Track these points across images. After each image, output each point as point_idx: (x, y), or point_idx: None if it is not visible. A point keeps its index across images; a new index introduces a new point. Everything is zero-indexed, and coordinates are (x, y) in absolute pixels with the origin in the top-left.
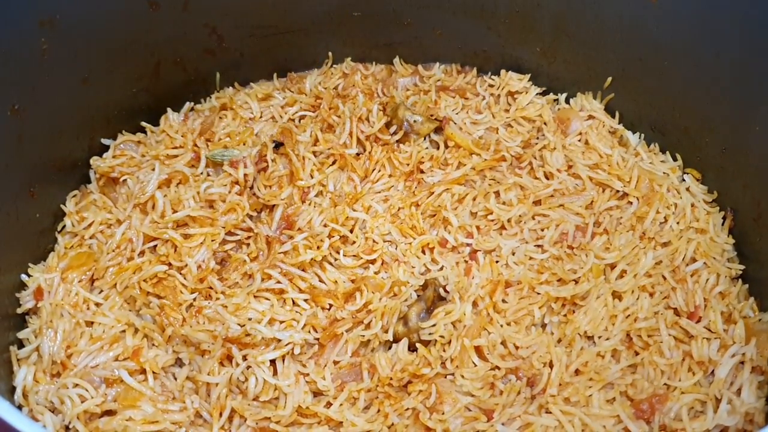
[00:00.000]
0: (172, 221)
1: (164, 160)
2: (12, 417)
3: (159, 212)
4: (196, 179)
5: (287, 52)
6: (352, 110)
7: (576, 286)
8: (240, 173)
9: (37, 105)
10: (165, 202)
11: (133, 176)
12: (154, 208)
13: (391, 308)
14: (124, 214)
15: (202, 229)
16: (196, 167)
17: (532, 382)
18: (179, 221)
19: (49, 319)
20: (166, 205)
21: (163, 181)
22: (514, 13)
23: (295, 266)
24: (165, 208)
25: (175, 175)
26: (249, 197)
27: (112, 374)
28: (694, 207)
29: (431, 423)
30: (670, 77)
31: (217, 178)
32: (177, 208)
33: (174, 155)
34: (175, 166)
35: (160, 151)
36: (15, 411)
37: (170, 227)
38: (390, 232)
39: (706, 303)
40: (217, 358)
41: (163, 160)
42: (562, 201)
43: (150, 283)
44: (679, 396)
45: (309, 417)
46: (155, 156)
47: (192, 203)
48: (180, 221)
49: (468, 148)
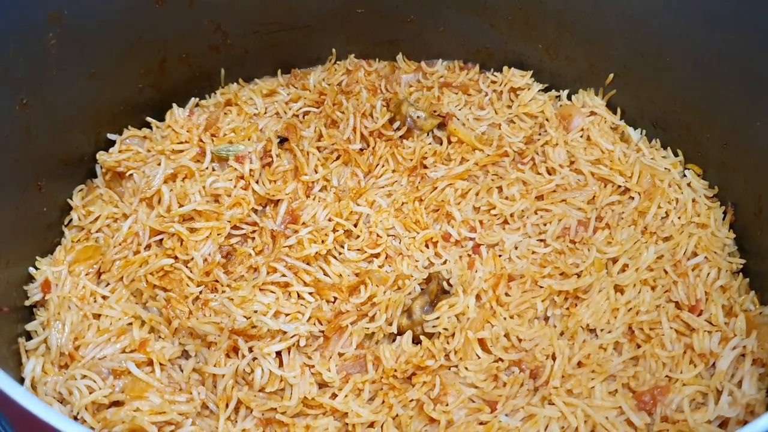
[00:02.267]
0: (179, 215)
1: (170, 155)
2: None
3: (165, 206)
4: (202, 174)
5: (291, 49)
6: (356, 106)
7: (578, 280)
8: (246, 168)
9: (44, 100)
10: (171, 197)
11: (139, 171)
12: (160, 202)
13: (395, 301)
14: (131, 209)
15: (207, 223)
16: (202, 162)
17: (535, 374)
18: (185, 215)
19: (56, 311)
20: (172, 199)
21: (168, 176)
22: (517, 10)
23: (300, 260)
24: (171, 202)
25: (181, 169)
26: (253, 192)
27: (119, 366)
28: (695, 202)
29: (435, 414)
30: (671, 74)
31: (223, 173)
32: (183, 203)
33: (179, 150)
34: (181, 161)
35: (165, 146)
36: (31, 396)
37: (176, 221)
38: (394, 226)
39: (707, 296)
40: (224, 350)
41: (168, 155)
42: (565, 196)
43: (156, 276)
44: (681, 388)
45: (314, 408)
46: (161, 151)
47: (198, 197)
48: (186, 215)
49: (471, 143)
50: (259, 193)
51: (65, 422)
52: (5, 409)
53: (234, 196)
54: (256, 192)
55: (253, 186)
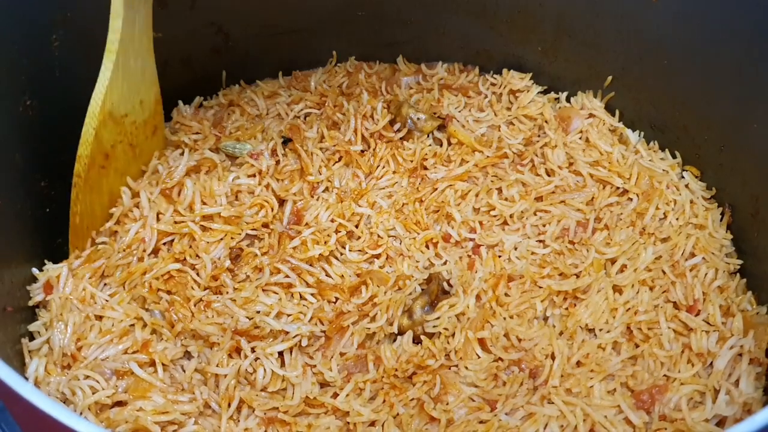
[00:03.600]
0: (200, 215)
1: (191, 144)
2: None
3: (187, 203)
4: (225, 169)
5: (292, 51)
6: (357, 108)
7: (577, 280)
8: (264, 164)
9: (48, 101)
10: (195, 191)
11: (163, 161)
12: (180, 194)
13: (396, 301)
14: (141, 212)
15: (225, 226)
16: (219, 154)
17: (534, 373)
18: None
19: (59, 312)
20: (195, 195)
21: (191, 168)
22: (516, 13)
23: (304, 261)
24: (195, 199)
25: (204, 161)
26: (273, 192)
27: (122, 366)
28: (693, 203)
29: (436, 413)
30: (669, 76)
31: (240, 169)
32: (207, 201)
33: (197, 140)
34: (204, 152)
35: (181, 136)
36: (39, 392)
37: (197, 221)
38: (394, 227)
39: (705, 297)
40: (226, 350)
41: (189, 144)
42: (564, 197)
43: (161, 280)
44: (679, 387)
45: (316, 407)
46: (176, 142)
47: (224, 200)
48: (206, 215)
49: (471, 145)
50: (276, 192)
51: (74, 418)
52: (12, 405)
53: (257, 194)
54: (275, 191)
55: (272, 184)
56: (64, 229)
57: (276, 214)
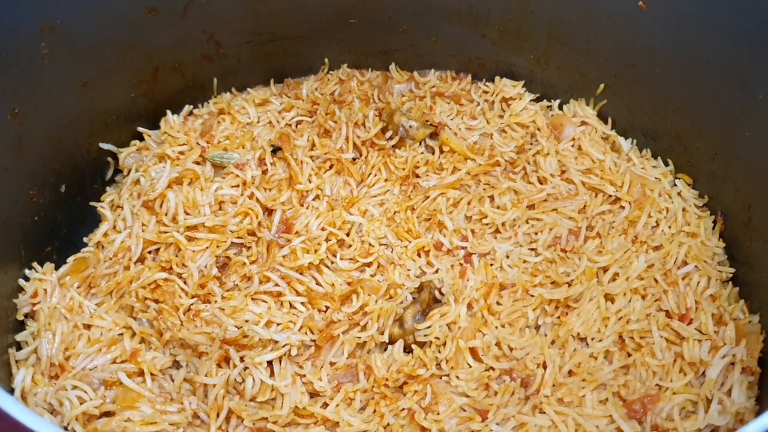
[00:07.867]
0: (185, 227)
1: (174, 158)
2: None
3: (171, 214)
4: (207, 180)
5: (284, 59)
6: (348, 116)
7: (569, 289)
8: (248, 175)
9: (37, 109)
10: (177, 203)
11: (146, 173)
12: (162, 206)
13: (386, 310)
14: (125, 224)
15: (210, 235)
16: (203, 165)
17: (526, 382)
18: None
19: (47, 321)
20: (178, 206)
21: (173, 180)
22: (508, 21)
23: (294, 269)
24: (177, 210)
25: (187, 173)
26: (257, 201)
27: (110, 376)
28: (685, 211)
29: (427, 423)
30: (661, 84)
31: (224, 180)
32: (190, 211)
33: (182, 152)
34: (187, 164)
35: (165, 149)
36: (20, 406)
37: (181, 232)
38: (386, 235)
39: (697, 305)
40: (215, 359)
41: (172, 157)
42: (556, 205)
43: (148, 288)
44: (671, 396)
45: (306, 417)
46: (160, 155)
47: (207, 210)
48: (190, 225)
49: (463, 153)
50: (262, 202)
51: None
52: None
53: (240, 204)
54: (259, 201)
55: (256, 194)
56: (53, 238)
57: (264, 223)
